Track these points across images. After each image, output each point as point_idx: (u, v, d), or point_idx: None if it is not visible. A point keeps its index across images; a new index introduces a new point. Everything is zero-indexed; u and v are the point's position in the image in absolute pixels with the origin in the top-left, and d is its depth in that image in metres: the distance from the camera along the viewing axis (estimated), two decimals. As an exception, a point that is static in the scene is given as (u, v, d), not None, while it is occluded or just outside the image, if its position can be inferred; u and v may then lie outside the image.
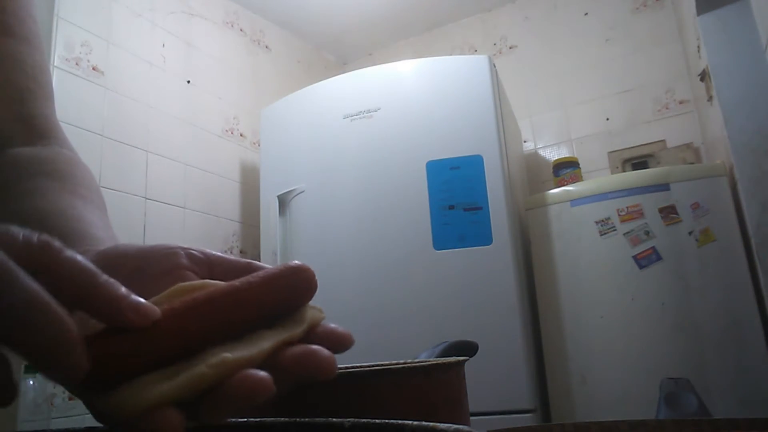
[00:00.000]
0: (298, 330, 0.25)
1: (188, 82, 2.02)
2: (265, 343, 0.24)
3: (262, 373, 0.22)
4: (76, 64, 1.63)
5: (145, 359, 0.22)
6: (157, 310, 0.23)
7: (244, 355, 0.23)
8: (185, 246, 0.29)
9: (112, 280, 0.22)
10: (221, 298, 0.24)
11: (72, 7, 1.64)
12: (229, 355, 0.22)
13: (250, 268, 0.29)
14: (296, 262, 0.26)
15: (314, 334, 0.26)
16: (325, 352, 0.24)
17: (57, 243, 0.22)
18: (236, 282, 0.25)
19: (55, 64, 1.57)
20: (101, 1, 1.75)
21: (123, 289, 0.22)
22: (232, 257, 0.30)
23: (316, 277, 0.26)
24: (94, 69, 1.68)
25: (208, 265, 0.29)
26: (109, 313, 0.22)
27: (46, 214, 0.34)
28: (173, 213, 1.86)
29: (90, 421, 0.27)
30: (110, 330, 0.22)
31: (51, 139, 0.43)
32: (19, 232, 0.21)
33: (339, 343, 0.26)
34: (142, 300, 0.22)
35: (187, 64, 2.03)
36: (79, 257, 0.22)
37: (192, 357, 0.22)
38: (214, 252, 0.30)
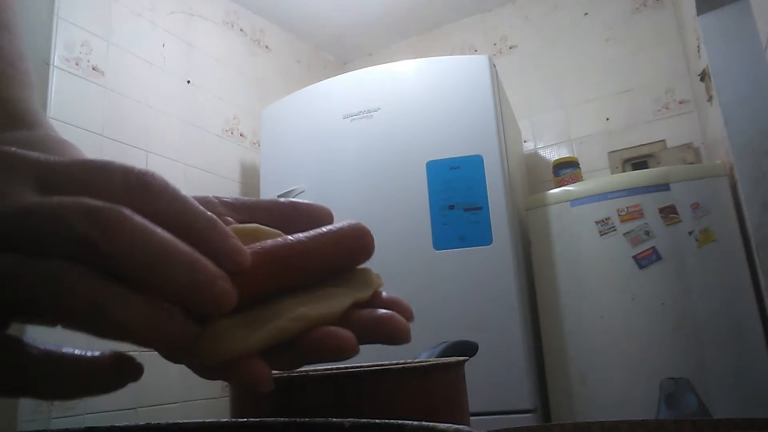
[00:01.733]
0: (367, 292, 0.26)
1: (188, 82, 2.02)
2: (340, 301, 0.25)
3: (347, 332, 0.23)
4: (76, 64, 1.63)
5: None
6: (249, 256, 0.22)
7: (323, 312, 0.24)
8: (216, 195, 0.29)
9: (214, 217, 0.22)
10: (293, 250, 0.24)
11: (72, 7, 1.64)
12: (309, 310, 0.23)
13: (295, 207, 0.29)
14: (353, 221, 0.26)
15: (378, 299, 0.27)
16: (402, 318, 0.25)
17: (157, 180, 0.21)
18: (302, 236, 0.25)
19: (55, 64, 1.57)
20: (101, 1, 1.75)
21: (226, 229, 0.22)
22: (266, 199, 0.30)
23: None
24: (94, 69, 1.68)
25: (247, 210, 0.29)
26: (213, 253, 0.21)
27: None
28: (173, 213, 1.86)
29: (90, 421, 0.27)
30: None
31: (35, 123, 0.41)
32: (118, 173, 0.21)
33: (401, 313, 0.27)
34: (240, 245, 0.22)
35: (187, 64, 2.03)
36: (181, 193, 0.22)
37: (265, 305, 0.23)
38: (243, 197, 0.30)
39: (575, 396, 1.55)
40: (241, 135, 2.20)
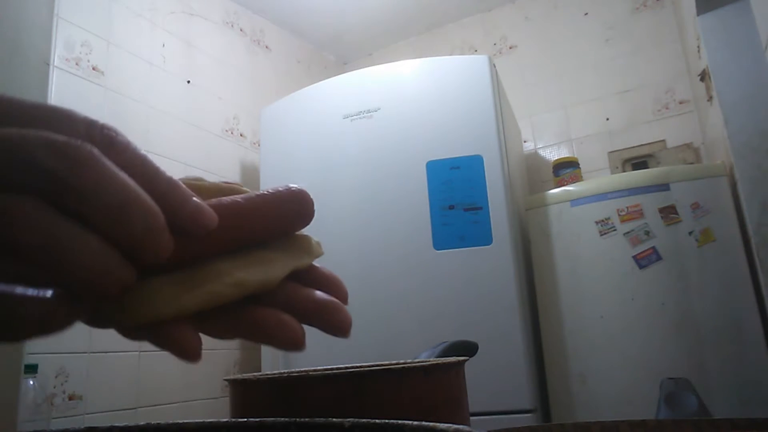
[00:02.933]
0: (307, 260, 0.25)
1: (188, 82, 2.02)
2: (278, 267, 0.24)
3: (299, 326, 0.22)
4: (76, 64, 1.63)
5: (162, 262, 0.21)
6: (215, 217, 0.22)
7: (261, 278, 0.23)
8: None
9: (175, 179, 0.21)
10: (229, 211, 0.23)
11: (72, 7, 1.64)
12: (246, 275, 0.22)
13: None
14: (293, 185, 0.25)
15: (317, 272, 0.26)
16: (345, 309, 0.24)
17: (120, 137, 0.21)
18: (239, 198, 0.24)
19: (55, 64, 1.57)
20: (101, 1, 1.75)
21: (187, 190, 0.22)
22: None
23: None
24: (94, 69, 1.68)
25: None
26: (174, 215, 0.21)
27: None
28: (173, 213, 1.86)
29: (90, 421, 0.27)
30: None
31: None
32: (82, 123, 0.20)
33: (336, 293, 0.25)
34: (204, 205, 0.22)
35: (187, 64, 2.03)
36: (143, 153, 0.21)
37: (198, 265, 0.22)
38: None
39: (575, 396, 1.55)
40: (241, 135, 2.20)
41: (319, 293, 0.24)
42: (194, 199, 0.22)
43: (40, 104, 0.20)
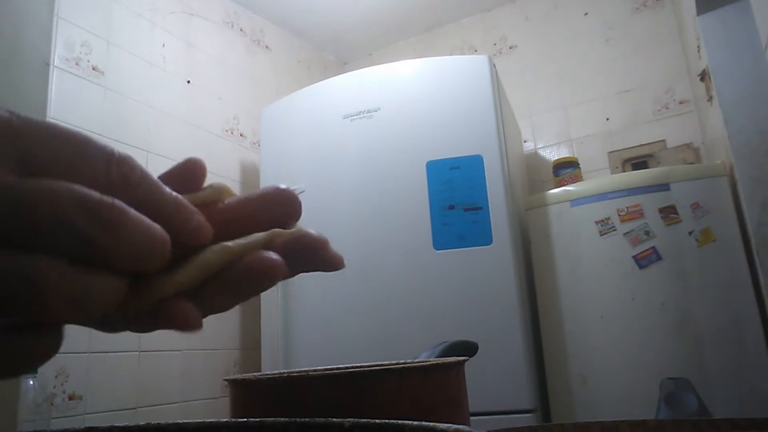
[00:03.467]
0: (290, 227, 0.26)
1: (188, 82, 2.02)
2: (261, 235, 0.25)
3: (273, 253, 0.23)
4: (76, 64, 1.63)
5: None
6: (210, 232, 0.23)
7: (245, 242, 0.24)
8: None
9: (178, 197, 0.22)
10: (227, 216, 0.25)
11: (72, 7, 1.64)
12: (231, 243, 0.23)
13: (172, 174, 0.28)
14: (281, 186, 0.27)
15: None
16: (323, 236, 0.25)
17: (136, 172, 0.21)
18: (233, 203, 0.25)
19: (55, 64, 1.57)
20: (101, 1, 1.75)
21: (189, 208, 0.23)
22: None
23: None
24: (94, 69, 1.68)
25: None
26: (178, 234, 0.22)
27: None
28: (173, 213, 1.86)
29: (90, 421, 0.27)
30: None
31: None
32: (99, 159, 0.20)
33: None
34: (203, 222, 0.23)
35: (187, 64, 2.03)
36: (152, 178, 0.22)
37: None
38: None
39: (575, 396, 1.55)
40: (241, 135, 2.20)
41: (301, 232, 0.26)
42: (196, 217, 0.23)
43: (57, 136, 0.20)
